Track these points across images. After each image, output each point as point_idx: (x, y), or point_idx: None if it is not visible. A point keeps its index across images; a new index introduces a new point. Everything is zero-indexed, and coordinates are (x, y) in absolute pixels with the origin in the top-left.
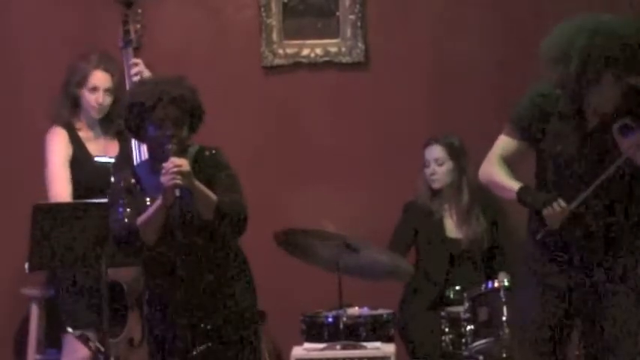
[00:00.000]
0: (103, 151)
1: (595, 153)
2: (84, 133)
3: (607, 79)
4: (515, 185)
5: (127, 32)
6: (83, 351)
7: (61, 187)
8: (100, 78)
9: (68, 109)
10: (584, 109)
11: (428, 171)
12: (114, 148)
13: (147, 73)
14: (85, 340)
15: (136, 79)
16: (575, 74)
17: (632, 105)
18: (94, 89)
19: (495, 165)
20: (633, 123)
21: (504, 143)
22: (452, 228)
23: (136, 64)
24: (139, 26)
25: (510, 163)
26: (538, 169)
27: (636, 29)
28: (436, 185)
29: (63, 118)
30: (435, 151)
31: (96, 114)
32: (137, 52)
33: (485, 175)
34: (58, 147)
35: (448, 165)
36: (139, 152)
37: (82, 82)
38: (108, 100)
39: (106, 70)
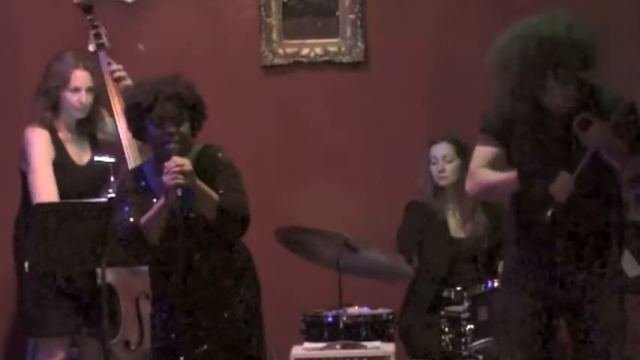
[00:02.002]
0: (82, 154)
1: (562, 150)
2: (63, 135)
3: (550, 82)
4: (512, 174)
5: (97, 35)
6: (60, 354)
7: (48, 188)
8: (81, 78)
9: (50, 111)
10: (543, 109)
11: (435, 168)
12: (87, 147)
13: (124, 74)
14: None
15: (117, 74)
16: (517, 83)
17: (588, 99)
18: (76, 90)
19: (481, 172)
20: (592, 116)
21: (481, 153)
22: (455, 227)
23: (110, 64)
24: (105, 29)
25: (494, 169)
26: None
27: (566, 27)
28: (444, 183)
29: (45, 120)
30: (444, 149)
31: (79, 114)
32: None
33: (475, 185)
34: (41, 147)
35: (456, 162)
36: (130, 156)
37: (64, 84)
38: (90, 98)
39: (86, 68)
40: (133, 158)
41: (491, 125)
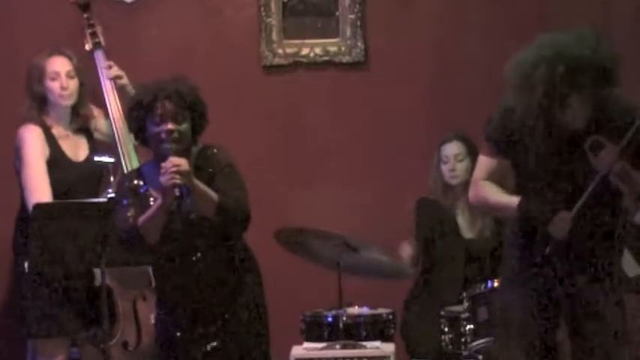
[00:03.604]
0: (78, 151)
1: (569, 168)
2: (56, 131)
3: (573, 101)
4: (512, 203)
5: (93, 34)
6: (59, 356)
7: (41, 186)
8: (57, 62)
9: (37, 109)
10: (554, 126)
11: (446, 167)
12: (83, 144)
13: (121, 73)
14: (96, 343)
15: (114, 73)
16: (540, 103)
17: (602, 119)
18: (56, 75)
19: (485, 186)
20: (603, 139)
21: (485, 163)
22: (465, 227)
23: (110, 66)
24: (101, 28)
25: (495, 182)
26: (517, 185)
27: (593, 46)
28: (455, 182)
29: (34, 118)
30: (455, 147)
31: (64, 101)
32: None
33: (477, 197)
34: (34, 144)
35: (467, 161)
36: (124, 159)
37: (42, 74)
38: (72, 84)
39: (61, 53)
40: (128, 159)
41: (496, 135)
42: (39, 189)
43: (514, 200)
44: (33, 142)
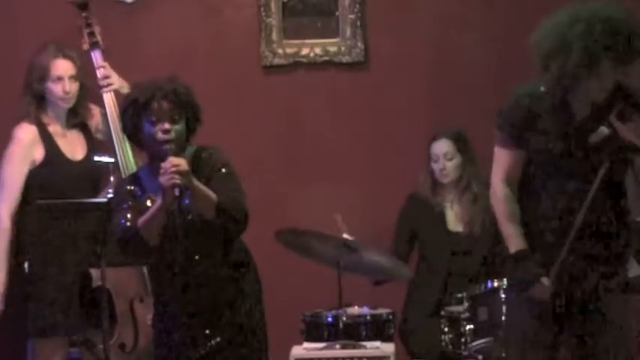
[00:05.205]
0: (73, 148)
1: (583, 145)
2: (53, 129)
3: (605, 66)
4: (513, 241)
5: (91, 34)
6: (58, 356)
7: (10, 191)
8: (62, 66)
9: (35, 106)
10: (570, 102)
11: (437, 166)
12: (81, 142)
13: (115, 77)
14: (89, 346)
15: (103, 82)
16: (576, 63)
17: (620, 94)
18: (59, 79)
19: (502, 200)
20: (631, 108)
21: (503, 157)
22: (453, 220)
23: (103, 67)
24: (99, 28)
25: (516, 174)
26: (524, 169)
27: (627, 15)
28: (446, 180)
29: (31, 116)
30: (444, 146)
31: (65, 104)
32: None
33: (494, 207)
34: (23, 146)
35: (457, 159)
36: (121, 154)
37: (45, 75)
38: (74, 87)
39: (66, 56)
40: (125, 159)
41: (510, 124)
42: (6, 189)
43: (514, 242)
44: (21, 144)
